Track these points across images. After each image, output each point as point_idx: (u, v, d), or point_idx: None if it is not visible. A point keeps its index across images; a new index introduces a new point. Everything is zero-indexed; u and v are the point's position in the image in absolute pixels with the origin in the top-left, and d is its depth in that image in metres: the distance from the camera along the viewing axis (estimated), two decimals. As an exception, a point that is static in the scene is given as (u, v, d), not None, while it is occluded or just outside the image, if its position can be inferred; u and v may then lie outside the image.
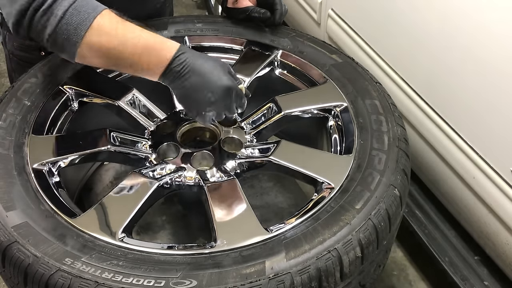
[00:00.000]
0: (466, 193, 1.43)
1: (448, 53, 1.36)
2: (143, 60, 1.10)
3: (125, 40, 1.08)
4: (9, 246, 0.98)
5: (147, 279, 0.92)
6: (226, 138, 1.30)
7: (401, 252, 1.93)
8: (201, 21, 1.61)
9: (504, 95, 1.22)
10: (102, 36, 1.07)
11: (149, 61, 1.10)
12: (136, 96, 1.37)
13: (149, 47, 1.10)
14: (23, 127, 1.23)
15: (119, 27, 1.09)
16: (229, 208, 1.11)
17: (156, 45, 1.11)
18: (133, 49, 1.09)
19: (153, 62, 1.10)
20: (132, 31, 1.10)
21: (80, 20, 1.06)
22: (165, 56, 1.10)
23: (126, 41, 1.08)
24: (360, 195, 1.09)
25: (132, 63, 1.11)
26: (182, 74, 1.10)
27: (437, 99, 1.45)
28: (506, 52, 1.18)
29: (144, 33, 1.11)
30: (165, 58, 1.10)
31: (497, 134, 1.27)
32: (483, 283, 1.43)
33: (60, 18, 1.05)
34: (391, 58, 1.60)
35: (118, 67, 1.18)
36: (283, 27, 1.59)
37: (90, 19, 1.06)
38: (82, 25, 1.06)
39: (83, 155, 1.23)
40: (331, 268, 0.97)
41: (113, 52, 1.09)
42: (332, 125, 1.34)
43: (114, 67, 1.19)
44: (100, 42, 1.08)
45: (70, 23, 1.05)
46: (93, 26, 1.06)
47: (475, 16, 1.26)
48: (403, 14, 1.50)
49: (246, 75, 1.45)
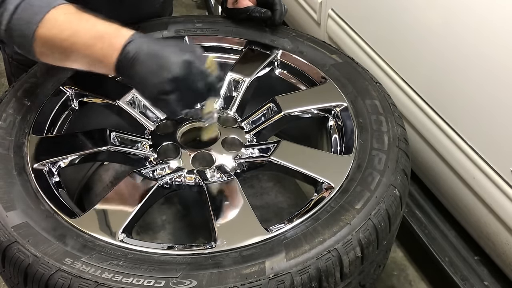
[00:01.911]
0: (466, 193, 1.43)
1: (448, 53, 1.36)
2: (97, 50, 1.03)
3: (77, 30, 1.04)
4: (9, 246, 0.98)
5: (147, 279, 0.92)
6: (226, 138, 1.30)
7: (401, 252, 1.93)
8: (201, 21, 1.61)
9: (504, 95, 1.22)
10: (54, 28, 1.04)
11: (102, 50, 1.03)
12: (136, 96, 1.37)
13: (102, 36, 1.03)
14: (23, 127, 1.23)
15: (73, 18, 1.05)
16: (229, 208, 1.11)
17: (108, 34, 1.04)
18: (85, 40, 1.03)
19: (106, 51, 1.03)
20: (86, 21, 1.05)
21: (32, 14, 1.03)
22: (117, 44, 1.02)
23: (78, 31, 1.04)
24: (360, 195, 1.09)
25: (85, 54, 1.05)
26: (135, 59, 1.01)
27: (437, 99, 1.45)
28: (507, 51, 1.18)
29: (99, 23, 1.05)
30: (117, 46, 1.02)
31: (497, 134, 1.27)
32: (483, 283, 1.43)
33: (11, 13, 1.03)
34: (391, 58, 1.60)
35: (74, 61, 1.09)
36: (283, 27, 1.59)
37: (43, 13, 1.03)
38: (34, 19, 1.03)
39: (83, 155, 1.23)
40: (331, 268, 0.97)
41: (65, 44, 1.04)
42: (332, 125, 1.34)
43: (71, 62, 1.10)
44: (52, 34, 1.04)
45: (22, 18, 1.03)
46: (45, 19, 1.03)
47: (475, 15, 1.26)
48: (403, 14, 1.50)
49: (246, 75, 1.45)
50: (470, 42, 1.28)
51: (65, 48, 1.05)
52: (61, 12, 1.05)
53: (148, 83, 1.01)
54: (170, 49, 1.02)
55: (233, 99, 1.42)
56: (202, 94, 1.05)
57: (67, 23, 1.04)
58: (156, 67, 1.00)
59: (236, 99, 1.42)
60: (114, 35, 1.04)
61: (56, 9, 1.05)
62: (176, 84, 0.99)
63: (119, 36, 1.03)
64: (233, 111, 1.40)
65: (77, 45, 1.04)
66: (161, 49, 1.02)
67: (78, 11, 1.07)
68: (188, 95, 1.03)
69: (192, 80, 1.01)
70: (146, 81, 1.02)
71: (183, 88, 1.01)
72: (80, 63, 1.09)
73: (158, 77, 0.99)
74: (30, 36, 1.04)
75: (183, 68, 0.99)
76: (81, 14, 1.06)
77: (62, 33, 1.04)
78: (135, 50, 1.01)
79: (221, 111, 1.40)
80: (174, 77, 0.99)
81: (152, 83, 1.01)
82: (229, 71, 1.46)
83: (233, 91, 1.45)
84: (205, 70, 1.02)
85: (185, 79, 1.00)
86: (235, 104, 1.41)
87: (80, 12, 1.06)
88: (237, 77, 1.45)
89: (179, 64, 0.99)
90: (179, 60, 0.99)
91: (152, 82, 1.00)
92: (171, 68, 0.99)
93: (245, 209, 1.10)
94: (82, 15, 1.06)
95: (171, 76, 0.99)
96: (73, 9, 1.06)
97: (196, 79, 1.01)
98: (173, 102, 1.02)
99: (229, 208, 1.11)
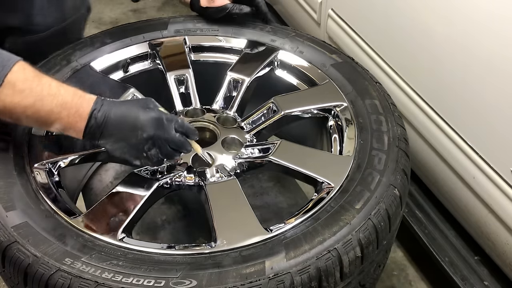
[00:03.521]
0: (466, 193, 1.43)
1: (448, 53, 1.36)
2: (63, 118, 1.03)
3: (41, 97, 1.01)
4: (9, 246, 0.98)
5: (147, 279, 0.92)
6: (226, 138, 1.30)
7: (401, 252, 1.93)
8: (201, 21, 1.61)
9: (505, 94, 1.22)
10: (15, 95, 0.99)
11: (69, 119, 1.03)
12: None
13: (67, 104, 1.02)
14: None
15: (34, 84, 1.01)
16: (229, 208, 1.11)
17: (73, 102, 1.03)
18: (50, 107, 1.01)
19: (73, 119, 1.03)
20: (49, 86, 1.02)
21: None
22: (84, 113, 1.03)
23: (43, 99, 1.01)
24: (360, 195, 1.09)
25: (50, 121, 1.03)
26: (105, 125, 1.04)
27: (437, 99, 1.45)
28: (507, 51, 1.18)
29: (61, 89, 1.03)
30: (84, 116, 1.03)
31: (497, 134, 1.27)
32: (483, 283, 1.43)
33: None
34: (391, 58, 1.60)
35: (39, 126, 1.09)
36: (283, 27, 1.59)
37: (0, 77, 0.97)
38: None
39: (83, 155, 1.23)
40: (331, 268, 0.97)
41: (29, 111, 1.01)
42: (332, 125, 1.34)
43: (35, 124, 1.10)
44: (14, 102, 0.99)
45: None
46: (4, 85, 0.97)
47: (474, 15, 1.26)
48: (403, 14, 1.50)
49: (246, 75, 1.45)
50: (470, 42, 1.28)
51: (28, 115, 1.02)
52: (20, 75, 1.00)
53: (125, 147, 1.06)
54: (136, 109, 1.05)
55: (233, 99, 1.42)
56: (181, 143, 1.08)
57: (28, 90, 1.00)
58: (128, 129, 1.04)
59: (236, 99, 1.42)
60: (79, 102, 1.03)
61: (12, 72, 0.99)
62: (152, 141, 1.05)
63: (84, 103, 1.04)
64: (233, 111, 1.40)
65: (41, 113, 1.02)
66: (127, 111, 1.05)
67: (36, 73, 1.03)
68: (165, 147, 1.07)
69: (166, 133, 1.05)
70: (122, 146, 1.05)
71: (161, 144, 1.06)
72: (46, 128, 1.09)
73: (135, 138, 1.04)
74: None
75: (155, 123, 1.04)
76: (40, 77, 1.02)
77: (24, 100, 1.00)
78: (103, 116, 1.03)
79: (221, 111, 1.40)
80: (149, 135, 1.04)
81: (129, 146, 1.05)
82: (228, 71, 1.47)
83: (233, 91, 1.45)
84: (175, 120, 1.07)
85: (160, 135, 1.05)
86: (235, 104, 1.41)
87: (38, 75, 1.03)
88: (237, 77, 1.45)
89: (150, 121, 1.04)
90: (149, 117, 1.04)
91: (129, 144, 1.05)
92: (144, 127, 1.04)
93: (245, 209, 1.10)
94: (42, 78, 1.03)
95: (146, 135, 1.04)
96: (30, 70, 1.02)
97: (169, 130, 1.06)
98: (153, 157, 1.07)
99: (229, 208, 1.11)
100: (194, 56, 1.57)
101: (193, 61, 1.54)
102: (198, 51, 1.58)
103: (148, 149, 1.06)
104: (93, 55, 1.47)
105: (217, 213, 1.09)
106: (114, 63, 1.50)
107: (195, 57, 1.57)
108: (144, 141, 1.05)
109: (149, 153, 1.06)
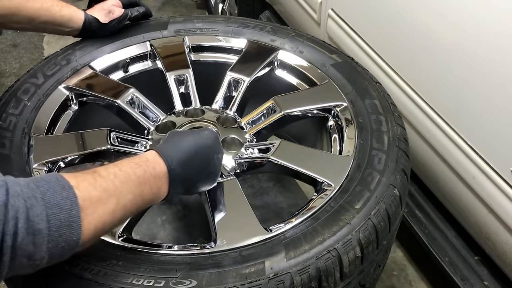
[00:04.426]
0: (466, 193, 1.43)
1: (448, 52, 1.36)
2: (146, 195, 0.93)
3: (120, 191, 0.87)
4: (9, 246, 0.98)
5: (147, 279, 0.92)
6: (226, 138, 1.30)
7: (401, 252, 1.93)
8: (201, 21, 1.61)
9: (504, 94, 1.22)
10: (99, 208, 0.83)
11: (151, 188, 0.94)
12: (136, 96, 1.37)
13: (143, 179, 0.92)
14: (23, 127, 1.23)
15: (102, 184, 0.85)
16: (229, 208, 1.11)
17: (146, 172, 0.93)
18: (133, 195, 0.89)
19: (156, 185, 0.94)
20: (114, 176, 0.88)
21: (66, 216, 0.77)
22: (163, 187, 0.96)
23: (121, 192, 0.87)
24: (360, 195, 1.09)
25: (137, 207, 0.92)
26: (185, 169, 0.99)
27: (437, 99, 1.45)
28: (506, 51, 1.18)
29: (124, 166, 0.91)
30: (164, 189, 0.97)
31: (497, 134, 1.27)
32: (483, 283, 1.43)
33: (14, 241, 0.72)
34: (391, 58, 1.60)
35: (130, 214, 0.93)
36: (283, 27, 1.59)
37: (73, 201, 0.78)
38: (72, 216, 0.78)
39: (83, 155, 1.23)
40: (330, 268, 0.97)
41: (118, 211, 0.87)
42: (332, 125, 1.34)
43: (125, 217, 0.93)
44: (101, 216, 0.83)
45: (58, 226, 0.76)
46: (82, 208, 0.79)
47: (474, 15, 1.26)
48: (403, 14, 1.50)
49: (246, 75, 1.45)
50: (470, 41, 1.28)
51: (119, 217, 0.88)
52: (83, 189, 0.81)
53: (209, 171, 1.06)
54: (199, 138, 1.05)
55: (233, 99, 1.42)
56: None
57: (103, 192, 0.84)
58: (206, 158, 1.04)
59: (236, 99, 1.42)
60: (153, 173, 0.94)
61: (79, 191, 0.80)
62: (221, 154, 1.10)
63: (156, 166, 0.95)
64: (233, 111, 1.40)
65: (127, 204, 0.89)
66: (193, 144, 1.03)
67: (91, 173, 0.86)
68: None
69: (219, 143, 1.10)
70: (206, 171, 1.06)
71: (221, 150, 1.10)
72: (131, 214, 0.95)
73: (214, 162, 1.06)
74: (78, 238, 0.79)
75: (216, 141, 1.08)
76: (95, 174, 0.86)
77: (109, 206, 0.85)
78: (178, 176, 0.98)
79: (221, 111, 1.40)
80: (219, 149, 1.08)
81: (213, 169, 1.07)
82: (228, 71, 1.47)
83: (233, 91, 1.45)
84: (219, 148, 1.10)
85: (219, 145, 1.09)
86: (235, 104, 1.41)
87: (95, 175, 0.86)
88: (237, 77, 1.45)
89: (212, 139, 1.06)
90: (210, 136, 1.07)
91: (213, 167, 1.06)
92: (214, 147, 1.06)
93: (245, 209, 1.10)
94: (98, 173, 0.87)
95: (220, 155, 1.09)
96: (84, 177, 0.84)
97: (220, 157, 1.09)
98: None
99: (229, 208, 1.11)
100: (194, 56, 1.57)
101: (193, 61, 1.54)
102: (198, 51, 1.58)
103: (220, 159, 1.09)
104: (93, 55, 1.47)
105: (217, 213, 1.09)
106: (114, 63, 1.50)
107: (195, 57, 1.58)
108: (219, 161, 1.08)
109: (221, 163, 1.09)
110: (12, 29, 1.53)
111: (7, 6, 1.31)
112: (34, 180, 0.78)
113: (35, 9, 1.35)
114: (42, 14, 1.36)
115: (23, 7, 1.34)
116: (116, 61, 1.50)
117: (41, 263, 0.76)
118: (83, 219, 0.79)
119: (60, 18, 1.40)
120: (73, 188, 0.79)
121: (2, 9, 1.31)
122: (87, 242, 0.82)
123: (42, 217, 0.74)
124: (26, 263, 0.74)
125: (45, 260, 0.76)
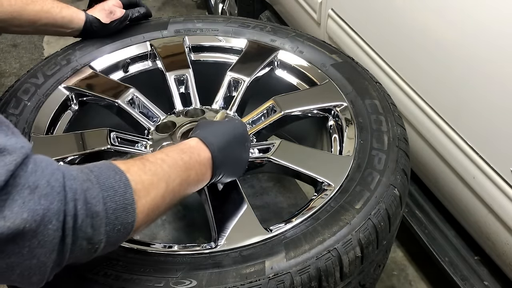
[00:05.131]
0: (466, 193, 1.43)
1: (448, 52, 1.36)
2: (192, 178, 0.95)
3: (168, 176, 0.88)
4: (9, 246, 0.98)
5: (147, 279, 0.92)
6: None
7: (401, 252, 1.93)
8: (201, 21, 1.61)
9: (504, 94, 1.22)
10: (151, 191, 0.84)
11: (197, 174, 0.96)
12: (136, 96, 1.37)
13: (189, 166, 0.94)
14: (23, 127, 1.23)
15: (151, 168, 0.86)
16: (229, 208, 1.11)
17: (192, 159, 0.95)
18: (180, 179, 0.91)
19: (201, 171, 0.97)
20: (161, 161, 0.89)
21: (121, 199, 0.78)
22: (205, 159, 0.98)
23: (169, 176, 0.89)
24: (360, 195, 1.09)
25: (186, 189, 0.94)
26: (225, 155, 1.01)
27: (437, 99, 1.45)
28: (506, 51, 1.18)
29: (172, 154, 0.93)
30: (208, 174, 0.99)
31: (497, 134, 1.27)
32: (483, 283, 1.43)
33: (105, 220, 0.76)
34: (391, 58, 1.60)
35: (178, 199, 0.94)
36: (283, 27, 1.59)
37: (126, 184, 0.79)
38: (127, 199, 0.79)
39: (83, 155, 1.23)
40: (331, 268, 0.97)
41: (168, 196, 0.88)
42: (332, 125, 1.34)
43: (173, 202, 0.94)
44: (153, 199, 0.84)
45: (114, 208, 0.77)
46: (135, 190, 0.80)
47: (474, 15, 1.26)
48: (403, 14, 1.50)
49: (246, 75, 1.45)
50: (470, 41, 1.28)
51: (168, 201, 0.90)
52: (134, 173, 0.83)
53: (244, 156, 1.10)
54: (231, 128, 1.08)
55: (233, 99, 1.42)
56: None
57: (153, 176, 0.86)
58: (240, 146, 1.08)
59: (236, 99, 1.42)
60: (198, 159, 0.96)
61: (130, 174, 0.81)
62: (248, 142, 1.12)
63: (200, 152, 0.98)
64: (233, 111, 1.40)
65: (176, 188, 0.90)
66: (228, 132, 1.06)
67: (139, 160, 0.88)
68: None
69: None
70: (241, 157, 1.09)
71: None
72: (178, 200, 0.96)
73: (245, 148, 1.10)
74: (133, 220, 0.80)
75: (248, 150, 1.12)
76: (143, 159, 0.88)
77: (160, 189, 0.86)
78: (220, 162, 1.00)
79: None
80: (248, 158, 1.12)
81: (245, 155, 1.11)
82: (228, 71, 1.47)
83: (233, 91, 1.45)
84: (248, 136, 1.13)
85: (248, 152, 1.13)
86: (235, 104, 1.41)
87: (144, 161, 0.88)
88: (237, 77, 1.45)
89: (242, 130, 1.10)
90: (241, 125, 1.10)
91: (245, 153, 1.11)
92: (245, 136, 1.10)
93: (245, 209, 1.10)
94: (146, 159, 0.89)
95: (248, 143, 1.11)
96: (133, 163, 0.86)
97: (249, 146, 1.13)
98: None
99: (229, 208, 1.11)
100: (194, 56, 1.58)
101: (193, 61, 1.54)
102: (198, 51, 1.58)
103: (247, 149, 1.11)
104: (93, 55, 1.47)
105: (217, 213, 1.09)
106: (114, 63, 1.50)
107: (195, 57, 1.58)
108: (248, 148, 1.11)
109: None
110: (13, 33, 1.53)
111: (9, 10, 1.32)
112: (85, 166, 0.79)
113: (35, 11, 1.35)
114: (42, 16, 1.37)
115: (23, 10, 1.34)
116: (116, 61, 1.50)
117: (99, 247, 0.76)
118: (136, 201, 0.80)
119: (61, 20, 1.40)
120: (125, 172, 0.80)
121: (4, 14, 1.31)
122: (140, 225, 0.82)
123: (98, 199, 0.74)
124: (86, 247, 0.74)
125: (102, 244, 0.77)
